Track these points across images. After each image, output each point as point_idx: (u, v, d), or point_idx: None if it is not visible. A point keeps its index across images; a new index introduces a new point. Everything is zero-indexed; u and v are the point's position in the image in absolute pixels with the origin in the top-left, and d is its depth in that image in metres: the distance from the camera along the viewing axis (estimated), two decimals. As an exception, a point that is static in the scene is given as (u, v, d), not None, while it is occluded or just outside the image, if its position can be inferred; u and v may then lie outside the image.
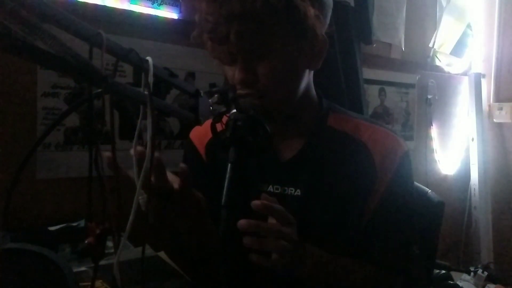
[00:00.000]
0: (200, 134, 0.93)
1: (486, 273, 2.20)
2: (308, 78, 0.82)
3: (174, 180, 0.65)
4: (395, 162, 0.80)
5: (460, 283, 2.07)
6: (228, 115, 0.66)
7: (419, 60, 2.43)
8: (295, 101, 0.80)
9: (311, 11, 0.71)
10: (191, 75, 1.43)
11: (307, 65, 0.79)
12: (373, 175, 0.79)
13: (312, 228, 0.79)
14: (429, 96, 2.46)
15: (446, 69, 2.61)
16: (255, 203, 0.65)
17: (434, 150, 2.56)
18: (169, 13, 1.38)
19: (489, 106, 2.77)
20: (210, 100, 0.59)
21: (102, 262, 0.42)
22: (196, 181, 0.92)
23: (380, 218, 0.80)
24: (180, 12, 1.39)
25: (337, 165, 0.81)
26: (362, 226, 0.80)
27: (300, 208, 0.79)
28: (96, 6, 1.22)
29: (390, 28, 2.16)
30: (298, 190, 0.80)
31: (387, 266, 0.80)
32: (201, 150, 0.92)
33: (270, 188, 0.82)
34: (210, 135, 0.90)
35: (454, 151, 2.71)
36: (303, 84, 0.80)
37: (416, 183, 1.13)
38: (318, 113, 0.85)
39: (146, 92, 0.42)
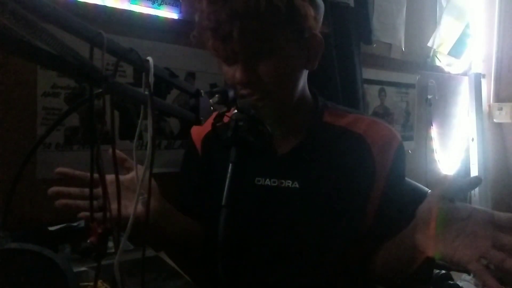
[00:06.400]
0: (200, 128, 0.94)
1: (486, 273, 2.19)
2: (304, 78, 0.83)
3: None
4: (392, 151, 0.82)
5: (460, 283, 2.07)
6: (228, 114, 0.66)
7: (419, 60, 2.42)
8: (293, 101, 0.80)
9: (311, 12, 0.72)
10: (191, 75, 1.43)
11: (304, 66, 0.80)
12: (371, 164, 0.81)
13: (312, 219, 0.79)
14: (429, 96, 2.46)
15: (446, 69, 2.61)
16: None
17: (434, 150, 2.55)
18: (169, 13, 1.38)
19: (489, 106, 2.77)
20: (210, 100, 0.59)
21: (103, 262, 0.42)
22: (192, 175, 0.94)
23: (387, 204, 0.82)
24: (180, 12, 1.39)
25: (335, 157, 0.82)
26: (368, 215, 0.81)
27: (299, 200, 0.80)
28: (96, 6, 1.22)
29: (390, 28, 2.15)
30: (296, 183, 0.81)
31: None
32: (198, 144, 0.94)
33: (267, 182, 0.83)
34: (207, 128, 0.91)
35: (454, 151, 2.71)
36: (300, 84, 0.81)
37: (416, 183, 1.14)
38: (314, 111, 0.86)
39: (146, 92, 0.42)
